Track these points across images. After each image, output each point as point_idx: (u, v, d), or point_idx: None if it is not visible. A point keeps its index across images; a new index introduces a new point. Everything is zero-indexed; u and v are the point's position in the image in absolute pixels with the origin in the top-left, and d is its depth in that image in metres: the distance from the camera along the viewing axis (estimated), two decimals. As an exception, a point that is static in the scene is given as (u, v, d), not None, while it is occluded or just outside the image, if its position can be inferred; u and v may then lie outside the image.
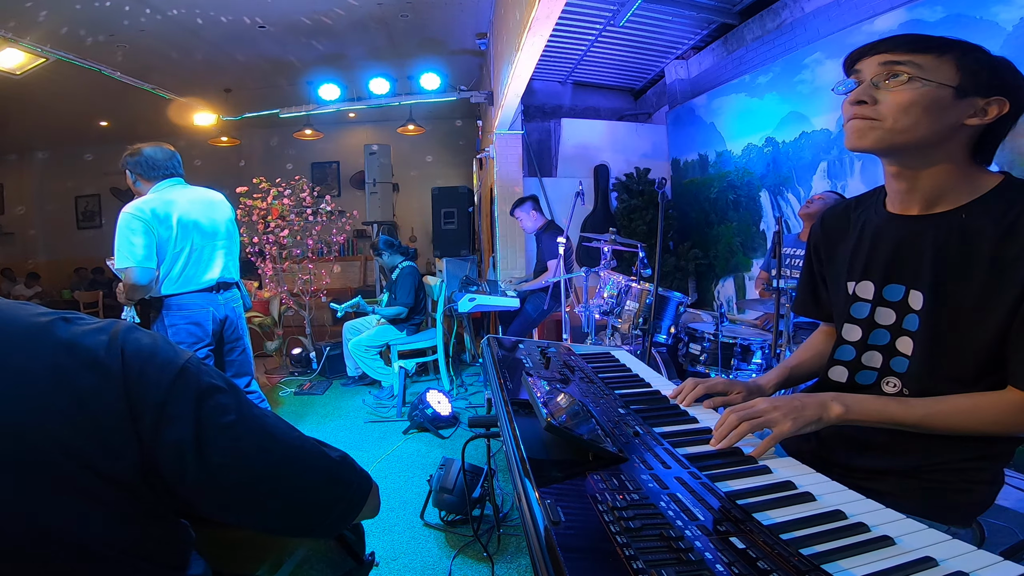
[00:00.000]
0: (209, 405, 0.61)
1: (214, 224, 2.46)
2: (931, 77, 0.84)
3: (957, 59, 0.84)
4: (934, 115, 0.84)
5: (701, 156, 5.30)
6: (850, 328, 1.00)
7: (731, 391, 1.08)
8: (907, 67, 0.85)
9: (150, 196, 2.33)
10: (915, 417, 0.85)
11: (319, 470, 0.70)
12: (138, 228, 2.21)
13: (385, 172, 6.62)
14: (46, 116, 6.83)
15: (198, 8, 4.44)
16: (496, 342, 1.49)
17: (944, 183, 0.88)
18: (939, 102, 0.84)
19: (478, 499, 2.12)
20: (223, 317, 2.47)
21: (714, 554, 0.54)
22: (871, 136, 0.88)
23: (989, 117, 0.84)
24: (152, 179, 2.37)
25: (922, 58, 0.85)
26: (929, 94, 0.84)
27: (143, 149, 2.38)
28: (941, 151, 0.87)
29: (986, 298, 0.82)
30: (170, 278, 2.32)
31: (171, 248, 2.29)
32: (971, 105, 0.84)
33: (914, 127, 0.85)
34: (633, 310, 2.87)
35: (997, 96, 0.83)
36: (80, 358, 0.56)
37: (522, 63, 3.05)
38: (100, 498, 0.56)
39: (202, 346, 2.38)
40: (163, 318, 2.35)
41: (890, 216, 0.95)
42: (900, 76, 0.85)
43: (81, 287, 7.98)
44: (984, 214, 0.84)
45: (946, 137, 0.86)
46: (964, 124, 0.85)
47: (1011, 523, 2.00)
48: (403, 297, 3.97)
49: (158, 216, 2.26)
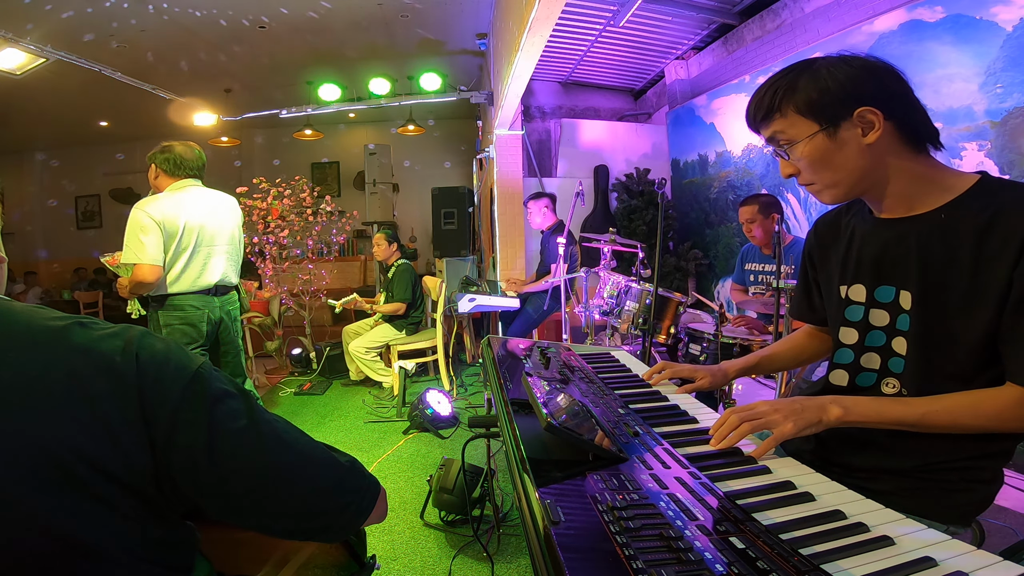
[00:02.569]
0: (221, 411, 0.62)
1: (220, 228, 2.51)
2: (797, 135, 0.88)
3: (797, 107, 0.87)
4: (836, 159, 0.87)
5: (701, 156, 5.30)
6: (847, 331, 1.01)
7: (696, 376, 1.19)
8: (780, 136, 0.90)
9: (163, 195, 2.39)
10: (915, 416, 0.85)
11: (328, 476, 0.70)
12: (147, 226, 2.26)
13: (385, 172, 6.62)
14: (46, 116, 6.82)
15: (198, 8, 4.44)
16: (496, 342, 1.49)
17: (910, 187, 0.90)
18: (824, 148, 0.87)
19: (478, 499, 2.13)
20: (218, 320, 2.50)
21: (714, 554, 0.54)
22: (827, 196, 0.93)
23: (878, 125, 0.84)
24: (174, 176, 2.43)
25: (777, 123, 0.90)
26: (812, 148, 0.87)
27: (175, 146, 2.44)
28: (880, 169, 0.89)
29: (971, 296, 0.83)
30: (171, 277, 2.36)
31: (175, 248, 2.34)
32: (852, 129, 0.85)
33: (836, 176, 0.89)
34: (633, 310, 2.87)
35: (860, 108, 0.84)
36: (95, 363, 0.57)
37: (522, 63, 3.05)
38: (111, 501, 0.56)
39: (196, 346, 2.40)
40: (159, 316, 2.38)
41: (876, 220, 0.96)
42: (784, 146, 0.90)
43: (81, 287, 7.98)
44: (963, 213, 0.85)
45: (869, 161, 0.87)
46: (868, 145, 0.85)
47: (1011, 523, 2.00)
48: (400, 294, 3.99)
49: (167, 216, 2.31)
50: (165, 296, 2.37)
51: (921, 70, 2.90)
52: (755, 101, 0.92)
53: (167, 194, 2.39)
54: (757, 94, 0.92)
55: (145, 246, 2.24)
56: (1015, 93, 2.52)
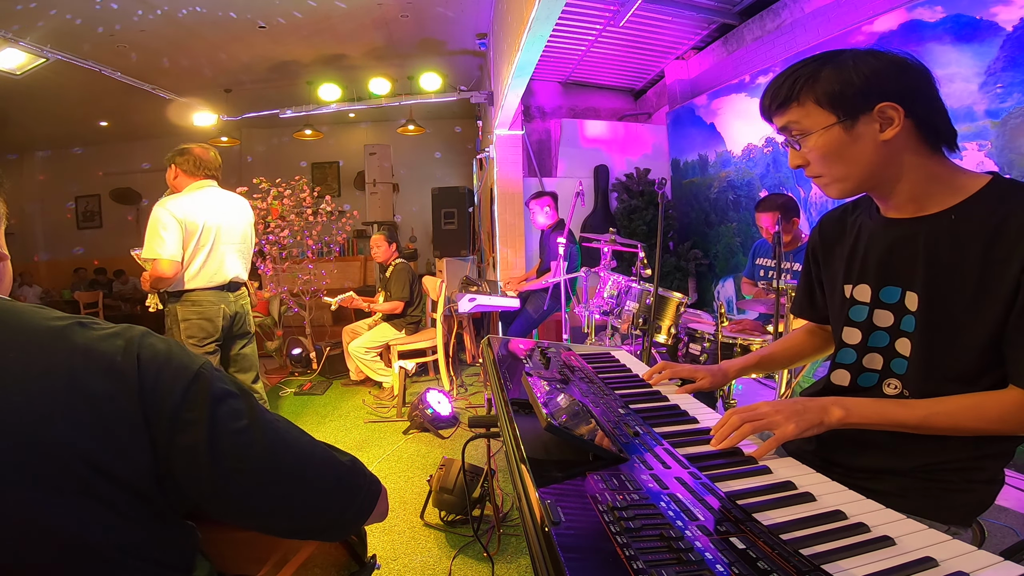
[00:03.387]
0: (223, 410, 0.62)
1: (235, 227, 2.63)
2: (812, 126, 0.86)
3: (816, 97, 0.85)
4: (849, 152, 0.86)
5: (701, 156, 5.30)
6: (850, 331, 1.00)
7: (697, 376, 1.18)
8: (793, 126, 0.88)
9: (184, 194, 2.49)
10: (917, 418, 0.85)
11: (329, 475, 0.70)
12: (169, 223, 2.35)
13: (385, 172, 6.63)
14: (46, 116, 6.82)
15: (198, 8, 4.44)
16: (496, 342, 1.49)
17: (921, 187, 0.88)
18: (839, 141, 0.85)
19: (478, 499, 2.13)
20: (233, 314, 2.61)
21: (714, 554, 0.54)
22: (834, 190, 0.91)
23: (898, 121, 0.83)
24: (194, 176, 2.53)
25: (792, 112, 0.88)
26: (826, 140, 0.86)
27: (193, 148, 2.56)
28: (893, 167, 0.87)
29: (978, 298, 0.82)
30: (189, 273, 2.46)
31: (194, 245, 2.44)
32: (870, 123, 0.84)
33: (847, 170, 0.87)
34: (633, 310, 2.87)
35: (882, 103, 0.82)
36: (96, 363, 0.57)
37: (522, 63, 3.05)
38: (111, 501, 0.56)
39: (211, 341, 2.51)
40: (177, 311, 2.47)
41: (884, 220, 0.95)
42: (796, 136, 0.88)
43: (81, 287, 7.98)
44: (972, 215, 0.84)
45: (883, 157, 0.86)
46: (884, 141, 0.84)
47: (1011, 523, 2.00)
48: (398, 292, 3.99)
49: (188, 214, 2.41)
50: (183, 292, 2.47)
51: (921, 70, 2.90)
52: (773, 88, 0.89)
53: (188, 193, 2.48)
54: (776, 81, 0.89)
55: (166, 242, 2.34)
56: (1015, 93, 2.52)
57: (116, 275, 8.35)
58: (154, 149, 8.41)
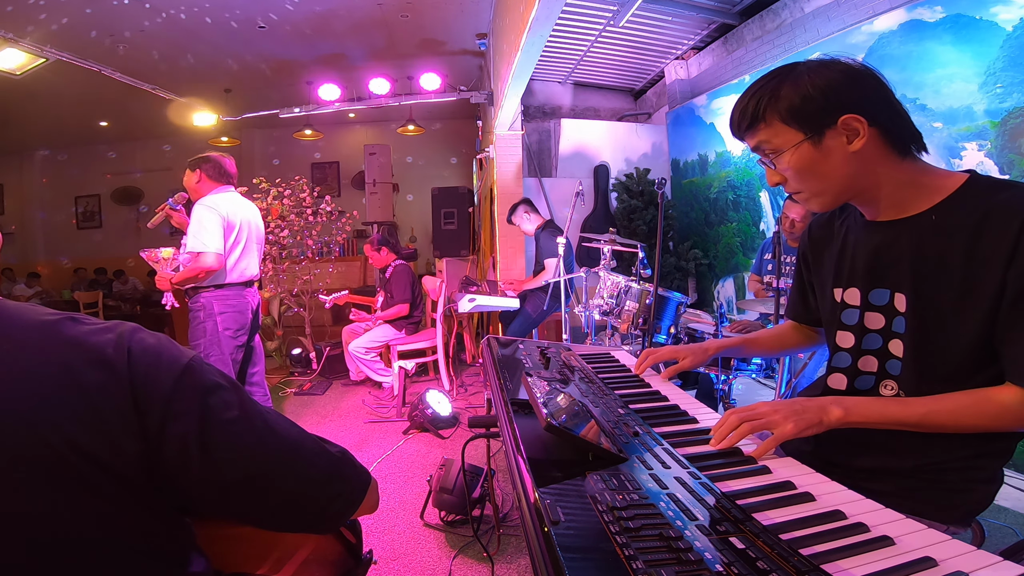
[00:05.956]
0: (213, 401, 0.63)
1: (259, 228, 2.87)
2: (783, 144, 0.87)
3: (780, 115, 0.86)
4: (822, 168, 0.87)
5: (701, 156, 5.29)
6: (844, 335, 1.01)
7: (679, 356, 1.20)
8: (764, 146, 0.90)
9: (219, 195, 2.65)
10: (916, 416, 0.85)
11: (319, 465, 0.71)
12: (213, 219, 2.53)
13: (385, 172, 6.62)
14: (46, 116, 6.82)
15: (199, 8, 4.44)
16: (496, 342, 1.49)
17: (900, 191, 0.89)
18: (810, 157, 0.86)
19: (478, 499, 2.13)
20: (255, 307, 2.80)
21: (713, 554, 0.54)
22: (815, 204, 0.93)
23: (863, 132, 0.84)
24: (218, 182, 2.72)
25: (762, 133, 0.89)
26: (798, 158, 0.87)
27: (215, 156, 2.75)
28: (868, 176, 0.88)
29: (964, 296, 0.83)
30: (228, 267, 2.63)
31: (233, 241, 2.63)
32: (836, 137, 0.85)
33: (823, 184, 0.89)
34: (633, 310, 2.87)
35: (844, 115, 0.83)
36: (88, 356, 0.58)
37: (522, 63, 3.05)
38: (104, 492, 0.57)
39: (244, 332, 2.68)
40: (212, 304, 2.59)
41: (868, 223, 0.96)
42: (770, 155, 0.89)
43: (81, 287, 7.97)
44: (953, 214, 0.85)
45: (856, 168, 0.87)
46: (854, 152, 0.85)
47: (1011, 523, 2.00)
48: (400, 294, 3.98)
49: (230, 212, 2.61)
50: (222, 285, 2.62)
51: (921, 70, 2.90)
52: (739, 109, 0.91)
53: (220, 195, 2.65)
54: (740, 101, 0.91)
55: (213, 236, 2.50)
56: (1015, 93, 2.52)
57: (116, 275, 8.35)
58: (154, 149, 8.42)
